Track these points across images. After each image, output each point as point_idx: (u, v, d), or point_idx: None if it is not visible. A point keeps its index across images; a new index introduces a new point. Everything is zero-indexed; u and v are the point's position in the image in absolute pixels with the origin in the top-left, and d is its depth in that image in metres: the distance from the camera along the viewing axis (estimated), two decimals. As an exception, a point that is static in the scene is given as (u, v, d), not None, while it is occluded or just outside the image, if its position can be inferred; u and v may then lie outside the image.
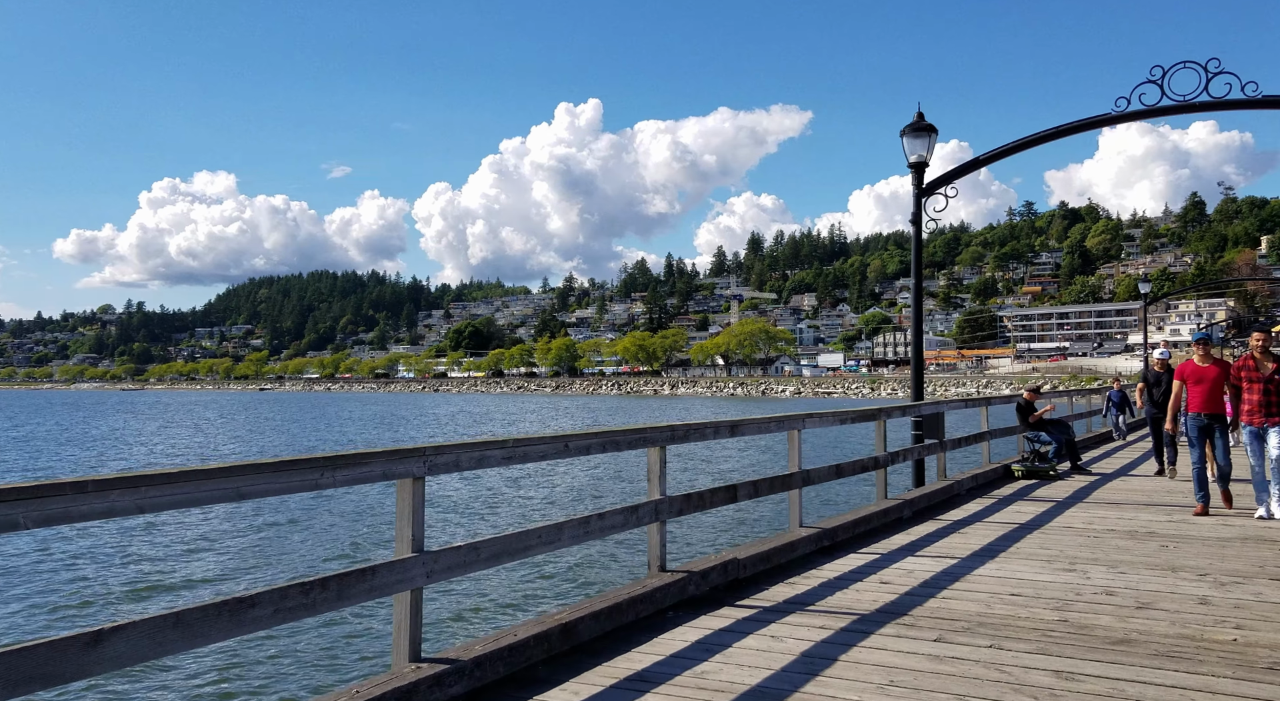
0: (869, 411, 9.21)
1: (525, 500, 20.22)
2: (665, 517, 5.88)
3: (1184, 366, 9.92)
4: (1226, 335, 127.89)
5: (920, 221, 11.02)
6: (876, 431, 9.52)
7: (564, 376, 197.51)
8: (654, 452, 5.88)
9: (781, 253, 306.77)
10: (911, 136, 10.95)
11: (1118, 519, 9.27)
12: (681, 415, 71.01)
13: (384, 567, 3.86)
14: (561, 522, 4.98)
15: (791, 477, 7.57)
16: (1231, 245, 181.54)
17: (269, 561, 13.35)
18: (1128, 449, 17.77)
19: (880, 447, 9.46)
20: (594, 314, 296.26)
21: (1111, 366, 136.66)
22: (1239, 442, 10.41)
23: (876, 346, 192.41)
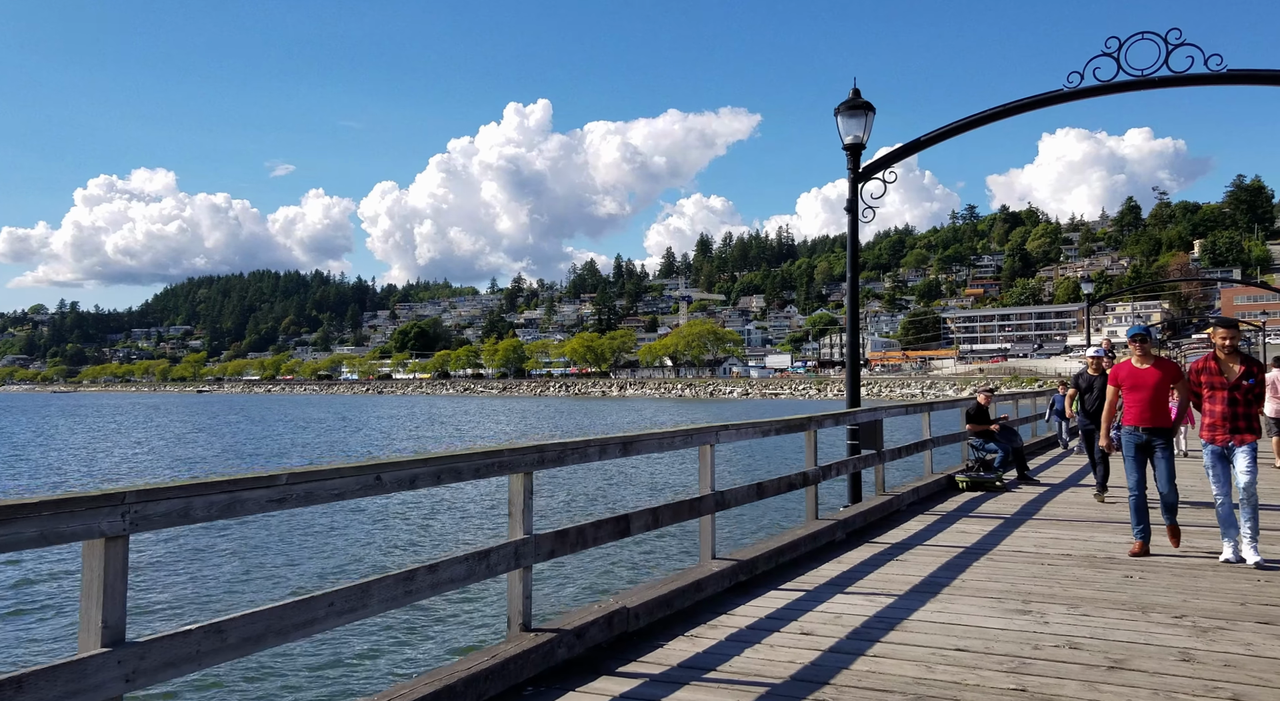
0: (797, 421, 8.11)
1: (333, 549, 14.83)
2: (530, 562, 4.67)
3: (1119, 368, 7.95)
4: (1162, 336, 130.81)
5: (856, 209, 9.97)
6: (806, 443, 8.42)
7: (511, 378, 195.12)
8: (516, 481, 4.67)
9: (730, 254, 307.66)
10: (846, 115, 9.90)
11: (1072, 541, 8.28)
12: (631, 417, 69.86)
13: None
14: (368, 582, 3.73)
15: (701, 502, 6.41)
16: (1166, 249, 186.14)
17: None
18: (1076, 456, 17.01)
19: (810, 461, 8.36)
20: (543, 315, 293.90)
21: (1051, 367, 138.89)
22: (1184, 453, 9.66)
23: (823, 348, 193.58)
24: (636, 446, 5.79)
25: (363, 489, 3.74)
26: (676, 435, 6.25)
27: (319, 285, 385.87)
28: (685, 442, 6.35)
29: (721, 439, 6.78)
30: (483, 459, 4.42)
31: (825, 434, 9.43)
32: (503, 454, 4.54)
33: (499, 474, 4.53)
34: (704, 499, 6.45)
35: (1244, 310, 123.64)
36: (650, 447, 5.96)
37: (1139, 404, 7.68)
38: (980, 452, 12.68)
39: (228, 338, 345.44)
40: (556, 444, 4.95)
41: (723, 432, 6.79)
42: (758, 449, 31.90)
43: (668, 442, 6.15)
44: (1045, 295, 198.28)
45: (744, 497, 7.13)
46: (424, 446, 40.27)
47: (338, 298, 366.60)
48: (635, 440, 5.76)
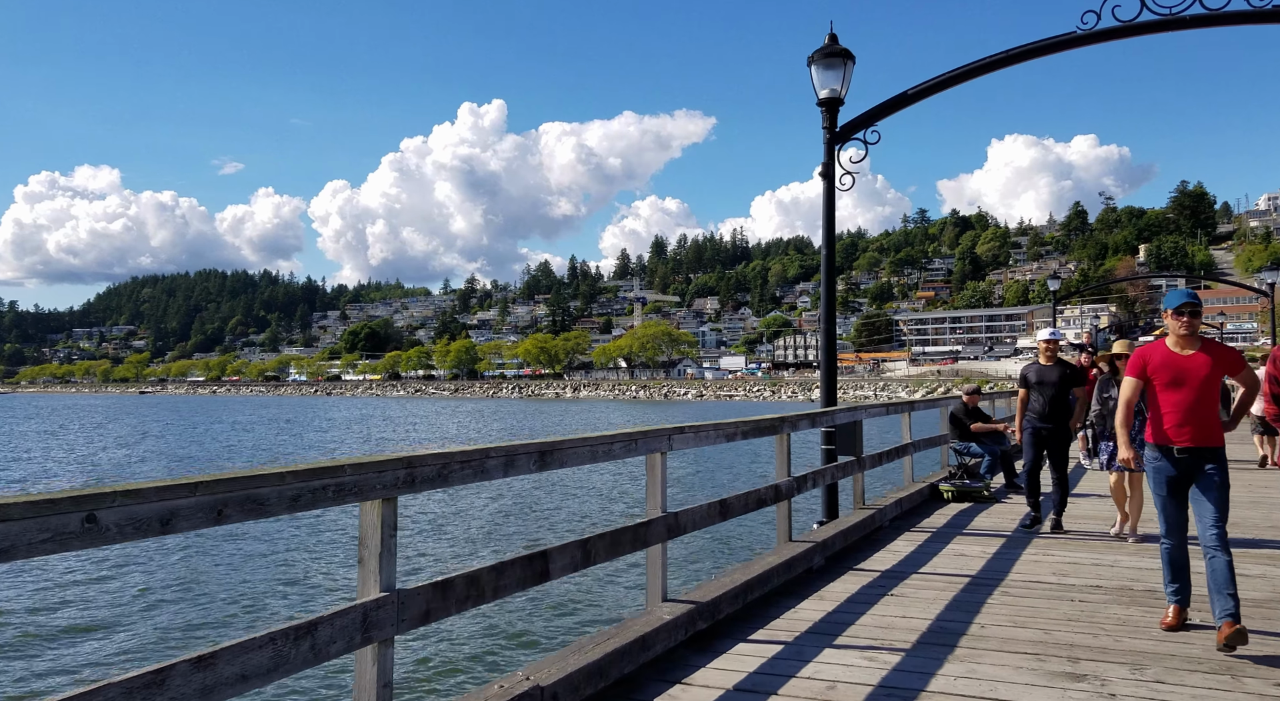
0: (767, 422, 6.63)
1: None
2: (390, 633, 3.11)
3: (1146, 351, 5.27)
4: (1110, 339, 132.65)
5: (833, 174, 8.54)
6: (778, 449, 6.95)
7: (463, 379, 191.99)
8: (371, 511, 3.12)
9: (685, 256, 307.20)
10: (822, 65, 8.47)
11: (1095, 567, 6.93)
12: (581, 418, 68.18)
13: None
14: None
15: (649, 527, 4.90)
16: (1112, 253, 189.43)
17: None
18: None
19: (783, 471, 6.90)
20: (496, 316, 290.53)
21: (1002, 369, 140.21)
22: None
23: (777, 349, 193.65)
24: (558, 457, 4.24)
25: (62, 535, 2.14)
26: (616, 441, 4.73)
27: (267, 285, 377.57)
28: (628, 450, 4.83)
29: (675, 444, 5.28)
30: (309, 480, 2.84)
31: (797, 438, 8.00)
32: (344, 471, 2.97)
33: (339, 501, 2.96)
34: (652, 523, 4.94)
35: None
36: (578, 458, 4.41)
37: (1179, 409, 4.96)
38: (964, 457, 11.37)
39: (172, 338, 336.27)
40: (435, 455, 3.39)
41: (676, 436, 5.29)
42: (718, 456, 28.23)
43: (603, 451, 4.62)
44: (995, 298, 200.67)
45: (703, 519, 5.62)
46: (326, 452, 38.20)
47: (287, 298, 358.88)
48: (556, 448, 4.21)
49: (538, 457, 4.05)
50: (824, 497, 8.42)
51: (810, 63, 8.51)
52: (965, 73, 8.20)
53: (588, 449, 4.47)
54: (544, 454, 4.10)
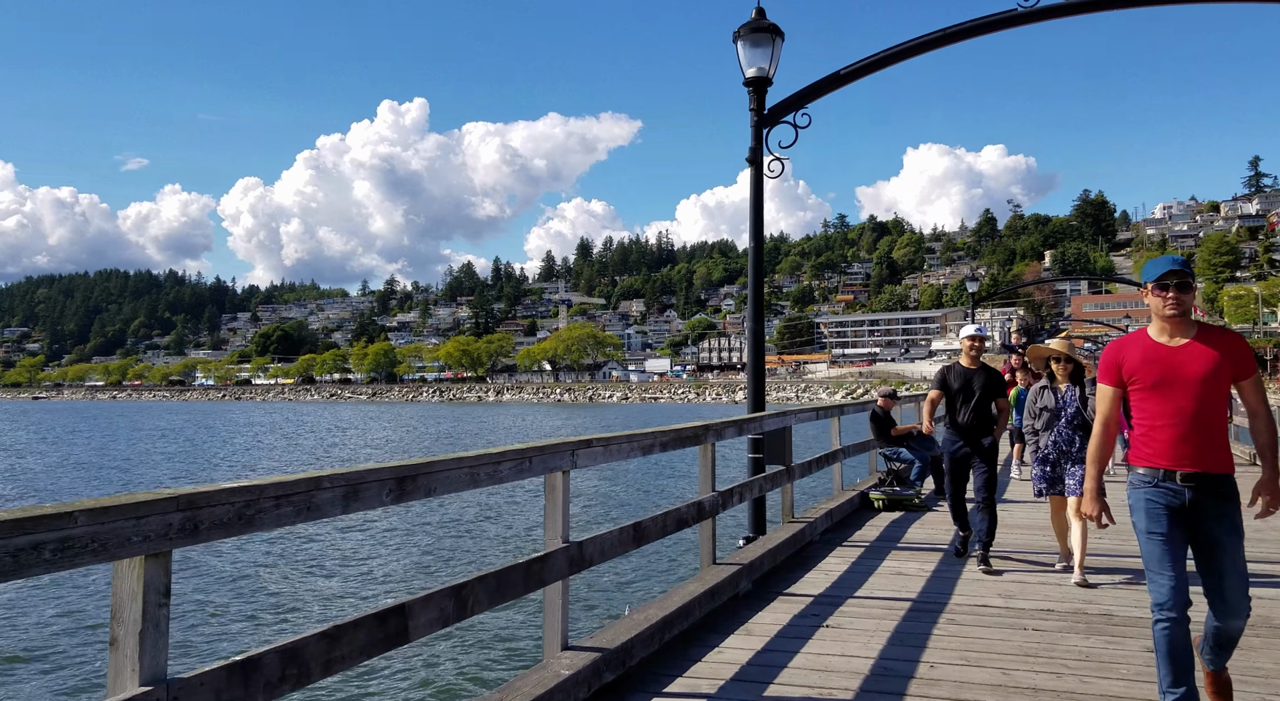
0: (690, 431, 5.86)
1: None
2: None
3: (1122, 346, 3.83)
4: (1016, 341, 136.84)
5: (760, 160, 7.85)
6: (702, 462, 6.19)
7: (382, 383, 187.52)
8: (125, 573, 2.22)
9: (611, 259, 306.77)
10: (748, 41, 7.78)
11: (1042, 586, 6.36)
12: (512, 423, 66.77)
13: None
14: None
15: (546, 563, 4.07)
16: (1020, 259, 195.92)
17: None
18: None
19: (707, 485, 6.14)
20: (417, 318, 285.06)
21: (918, 371, 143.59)
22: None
23: (702, 352, 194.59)
24: (423, 484, 3.34)
25: None
26: (504, 459, 3.87)
27: (173, 285, 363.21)
28: (519, 471, 3.98)
29: (581, 461, 4.47)
30: (13, 535, 1.92)
31: (721, 446, 7.27)
32: (74, 519, 2.04)
33: (64, 564, 2.05)
34: (550, 557, 4.11)
35: (1091, 316, 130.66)
36: (453, 483, 3.53)
37: (1176, 422, 3.54)
38: (893, 463, 10.84)
39: (70, 341, 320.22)
40: (232, 490, 2.48)
41: (582, 452, 4.47)
42: (634, 471, 25.57)
43: (487, 472, 3.76)
44: (911, 301, 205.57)
45: (614, 547, 4.82)
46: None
47: (194, 299, 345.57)
48: (421, 473, 3.32)
49: (394, 486, 3.17)
50: (751, 511, 7.71)
51: (736, 38, 7.81)
52: (901, 52, 7.61)
53: (465, 472, 3.60)
54: (403, 481, 3.22)
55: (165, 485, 26.75)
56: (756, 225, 7.78)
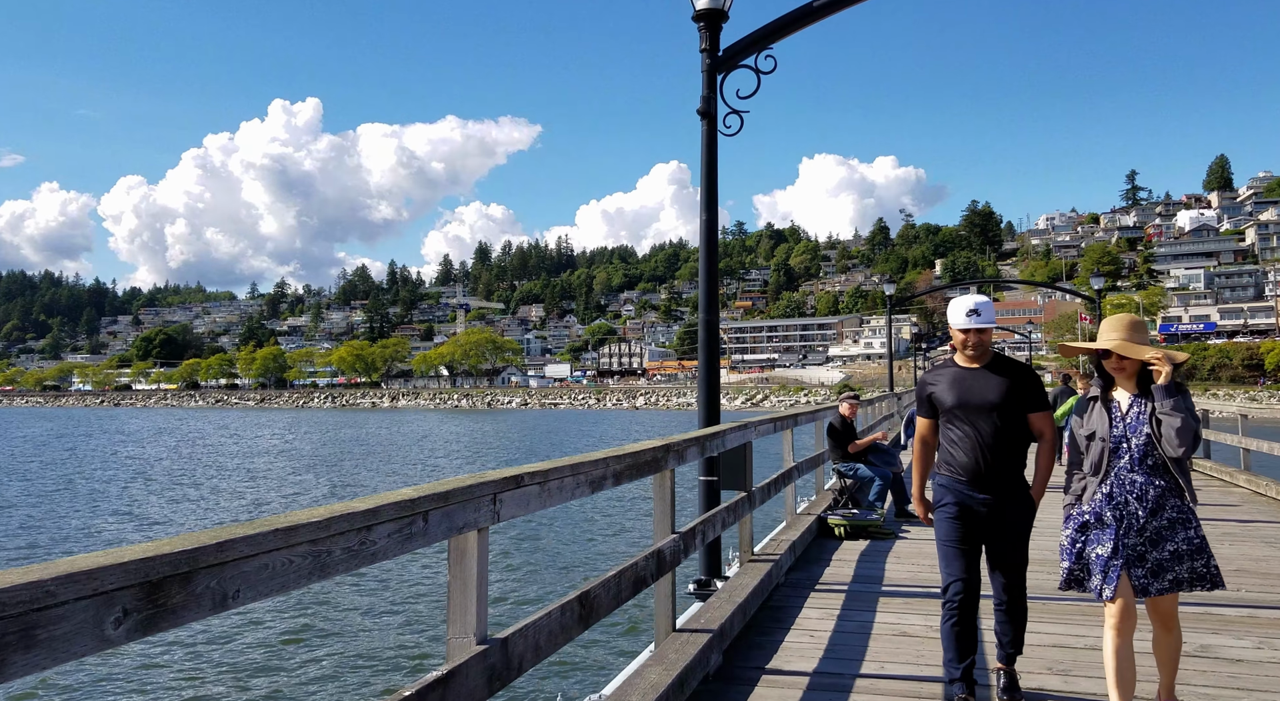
0: (648, 454, 4.25)
1: None
2: None
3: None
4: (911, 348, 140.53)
5: (714, 112, 6.35)
6: (658, 493, 4.62)
7: (271, 388, 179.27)
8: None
9: (510, 263, 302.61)
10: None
11: (1093, 648, 5.05)
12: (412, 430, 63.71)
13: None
14: None
15: (449, 684, 2.43)
16: (912, 267, 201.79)
17: None
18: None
19: (665, 525, 4.58)
20: (309, 322, 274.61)
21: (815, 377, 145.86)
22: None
23: (602, 357, 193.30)
24: (197, 599, 1.67)
25: None
26: (380, 519, 2.22)
27: (49, 287, 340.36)
28: (405, 536, 2.32)
29: (506, 509, 2.84)
30: None
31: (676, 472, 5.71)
32: None
33: None
34: (454, 677, 2.47)
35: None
36: (271, 579, 1.87)
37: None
38: (846, 480, 9.52)
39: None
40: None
41: (508, 495, 2.84)
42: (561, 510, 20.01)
43: (346, 545, 2.10)
44: (808, 308, 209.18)
45: (553, 637, 3.16)
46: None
47: (71, 301, 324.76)
48: (195, 570, 1.65)
49: (128, 608, 1.49)
50: (704, 558, 6.18)
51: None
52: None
53: (301, 553, 1.93)
54: (153, 592, 1.54)
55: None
56: (709, 192, 6.29)
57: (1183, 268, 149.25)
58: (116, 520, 21.52)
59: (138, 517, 21.95)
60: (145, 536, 19.09)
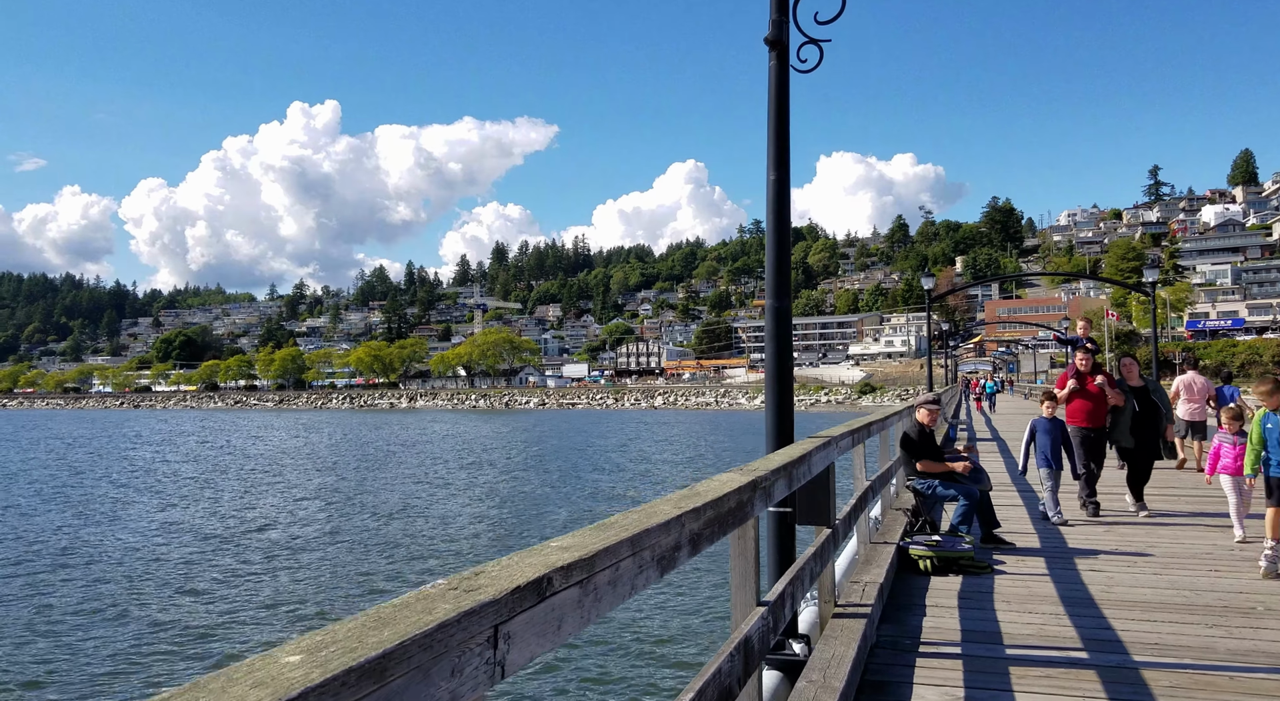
0: (734, 499, 2.83)
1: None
2: None
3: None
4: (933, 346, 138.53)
5: (786, 43, 4.95)
6: (738, 553, 3.22)
7: (289, 389, 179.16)
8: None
9: (527, 263, 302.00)
10: None
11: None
12: (418, 432, 62.65)
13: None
14: None
15: None
16: (932, 264, 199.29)
17: None
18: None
19: (747, 597, 3.18)
20: (327, 323, 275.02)
21: (835, 375, 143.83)
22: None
23: (619, 357, 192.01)
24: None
25: None
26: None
27: (70, 289, 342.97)
28: None
29: (518, 648, 1.45)
30: None
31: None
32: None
33: None
34: None
35: (1004, 321, 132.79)
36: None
37: None
38: (924, 499, 8.09)
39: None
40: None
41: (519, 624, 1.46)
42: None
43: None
44: (827, 306, 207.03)
45: None
46: None
47: (92, 303, 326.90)
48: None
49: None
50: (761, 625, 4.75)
51: None
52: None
53: None
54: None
55: None
56: (779, 144, 4.88)
57: (1209, 263, 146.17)
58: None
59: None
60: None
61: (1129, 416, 9.79)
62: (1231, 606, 5.82)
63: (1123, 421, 9.81)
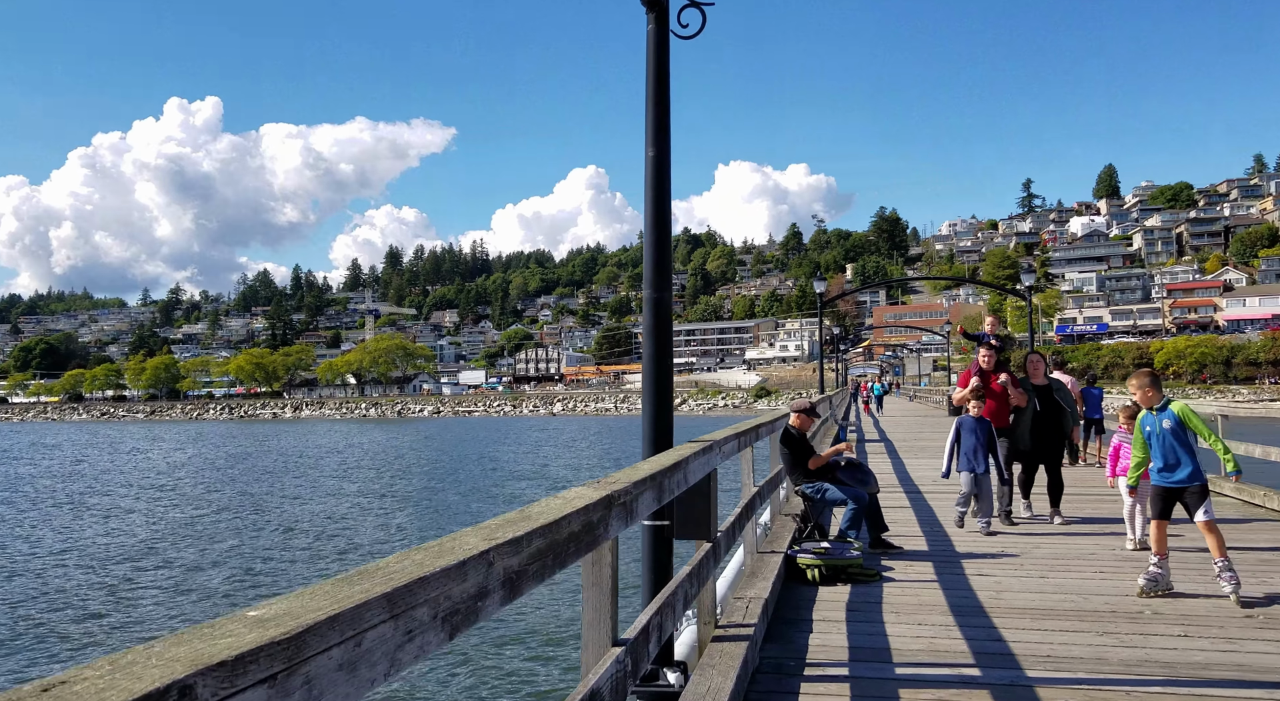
0: (578, 521, 2.35)
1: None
2: None
3: None
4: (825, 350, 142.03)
5: (665, 5, 4.51)
6: (590, 585, 2.72)
7: (163, 400, 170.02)
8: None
9: (423, 268, 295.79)
10: None
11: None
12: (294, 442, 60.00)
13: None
14: None
15: None
16: (824, 271, 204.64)
17: None
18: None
19: (600, 639, 2.68)
20: (206, 329, 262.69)
21: (733, 379, 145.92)
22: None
23: (519, 363, 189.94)
24: None
25: None
26: None
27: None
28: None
29: None
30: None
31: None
32: None
33: None
34: None
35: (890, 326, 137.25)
36: None
37: None
38: (820, 504, 7.78)
39: None
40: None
41: None
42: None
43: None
44: (725, 312, 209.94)
45: None
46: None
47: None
48: None
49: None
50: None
51: None
52: None
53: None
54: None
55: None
56: (659, 116, 4.43)
57: (1076, 271, 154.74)
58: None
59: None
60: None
61: (1030, 417, 9.31)
62: (1120, 611, 5.66)
63: (1024, 422, 9.31)
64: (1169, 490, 5.98)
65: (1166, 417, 5.93)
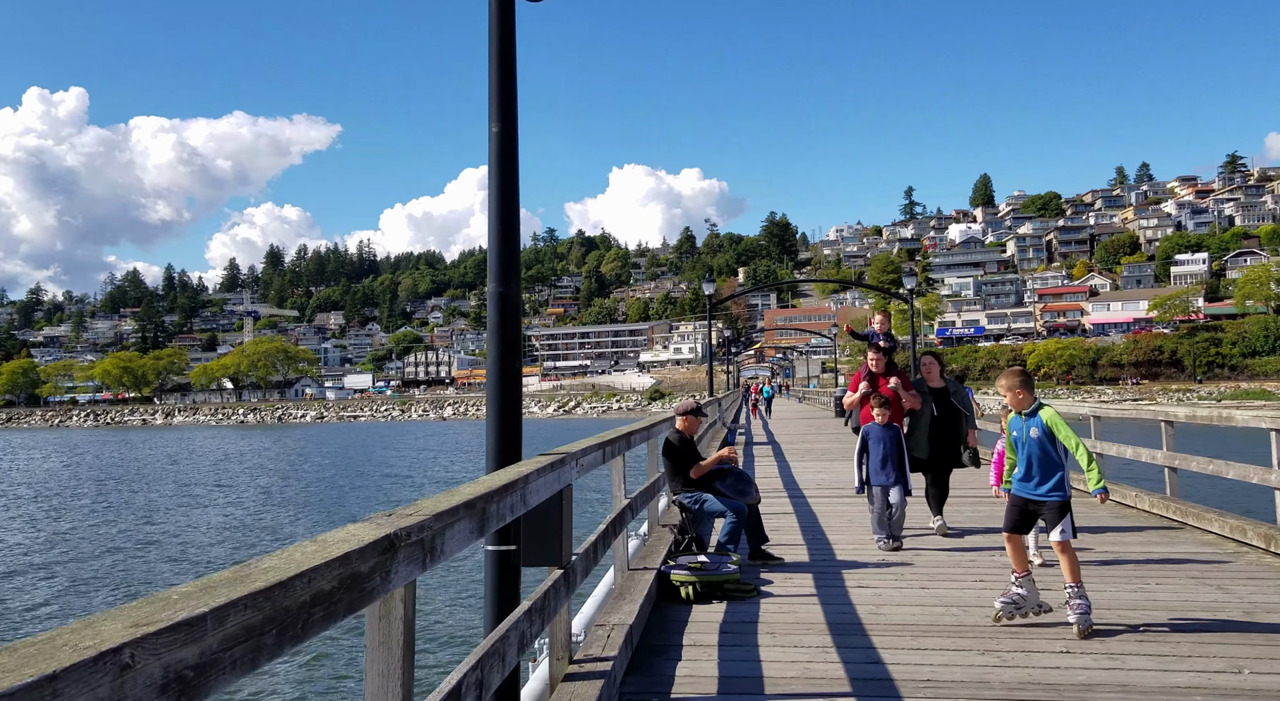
0: (302, 588, 1.74)
1: None
2: None
3: None
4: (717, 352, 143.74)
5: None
6: (372, 641, 2.18)
7: (21, 407, 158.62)
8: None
9: (306, 268, 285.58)
10: None
11: None
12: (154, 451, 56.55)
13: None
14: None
15: None
16: (717, 274, 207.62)
17: None
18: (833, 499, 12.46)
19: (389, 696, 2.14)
20: (69, 332, 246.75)
21: (627, 382, 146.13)
22: None
23: (408, 366, 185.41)
24: None
25: None
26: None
27: None
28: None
29: None
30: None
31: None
32: None
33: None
34: None
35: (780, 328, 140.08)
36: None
37: None
38: (699, 515, 7.36)
39: None
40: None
41: None
42: None
43: None
44: (619, 314, 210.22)
45: None
46: None
47: None
48: None
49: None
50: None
51: None
52: None
53: None
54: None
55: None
56: (504, 87, 3.89)
57: (955, 276, 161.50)
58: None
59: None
60: None
61: (926, 422, 8.75)
62: (1000, 625, 5.41)
63: (920, 428, 8.73)
64: (1027, 501, 5.54)
65: (1034, 426, 5.44)
